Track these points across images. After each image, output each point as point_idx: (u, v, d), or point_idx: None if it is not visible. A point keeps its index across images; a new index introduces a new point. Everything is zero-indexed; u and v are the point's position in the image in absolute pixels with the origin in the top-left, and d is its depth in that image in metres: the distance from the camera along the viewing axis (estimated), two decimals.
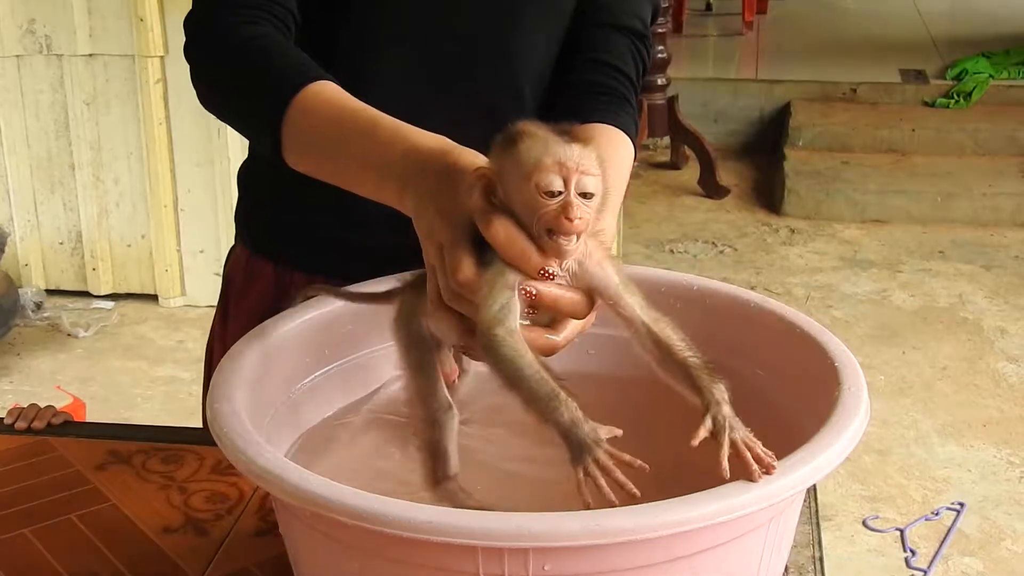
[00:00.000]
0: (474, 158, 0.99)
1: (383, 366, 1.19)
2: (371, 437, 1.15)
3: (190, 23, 1.24)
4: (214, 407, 0.99)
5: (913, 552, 2.97)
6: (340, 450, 1.13)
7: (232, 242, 1.50)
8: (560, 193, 0.90)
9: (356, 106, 1.11)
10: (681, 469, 0.94)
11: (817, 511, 1.23)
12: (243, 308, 1.42)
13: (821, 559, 1.16)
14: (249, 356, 1.07)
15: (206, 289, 4.12)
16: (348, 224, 1.33)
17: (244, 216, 1.45)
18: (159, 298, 4.24)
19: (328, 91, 1.13)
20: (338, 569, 0.92)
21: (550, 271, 0.93)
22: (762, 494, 0.85)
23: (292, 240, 1.40)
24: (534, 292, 0.94)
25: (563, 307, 0.96)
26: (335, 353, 1.17)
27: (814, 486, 1.22)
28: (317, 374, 1.16)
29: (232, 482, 1.28)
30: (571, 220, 0.90)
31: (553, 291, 0.95)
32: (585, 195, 0.91)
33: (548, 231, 0.91)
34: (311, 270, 1.37)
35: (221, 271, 1.50)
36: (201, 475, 1.30)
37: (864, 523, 3.09)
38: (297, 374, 1.14)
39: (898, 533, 3.05)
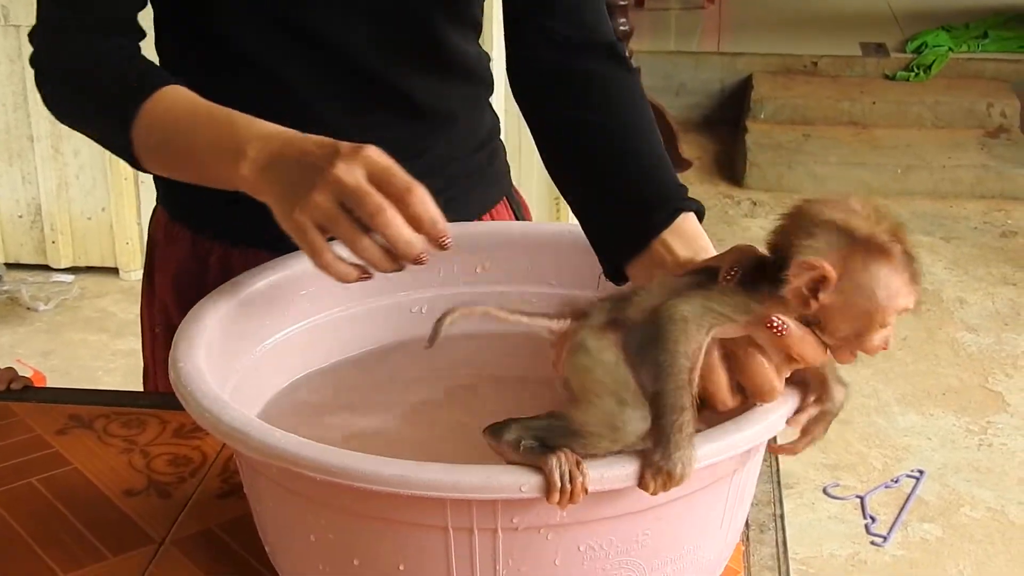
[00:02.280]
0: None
1: (345, 328, 1.20)
2: (339, 396, 1.15)
3: (39, 35, 1.23)
4: (177, 366, 0.98)
5: (873, 519, 3.00)
6: (307, 410, 1.13)
7: None
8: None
9: (210, 104, 1.12)
10: None
11: (778, 470, 1.24)
12: (166, 272, 1.43)
13: (782, 516, 1.17)
14: (211, 316, 1.07)
15: None
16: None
17: (161, 186, 1.44)
18: (119, 271, 4.21)
19: (180, 92, 1.15)
20: (305, 526, 0.92)
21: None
22: (725, 444, 0.85)
23: (207, 213, 1.37)
24: (784, 327, 0.89)
25: (804, 351, 0.92)
26: (298, 314, 1.17)
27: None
28: (279, 335, 1.16)
29: (195, 445, 1.28)
30: (885, 348, 0.93)
31: (801, 332, 0.90)
32: None
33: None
34: (228, 240, 1.37)
35: None
36: (163, 439, 1.30)
37: (825, 491, 3.11)
38: (260, 335, 1.14)
39: (858, 500, 3.08)
